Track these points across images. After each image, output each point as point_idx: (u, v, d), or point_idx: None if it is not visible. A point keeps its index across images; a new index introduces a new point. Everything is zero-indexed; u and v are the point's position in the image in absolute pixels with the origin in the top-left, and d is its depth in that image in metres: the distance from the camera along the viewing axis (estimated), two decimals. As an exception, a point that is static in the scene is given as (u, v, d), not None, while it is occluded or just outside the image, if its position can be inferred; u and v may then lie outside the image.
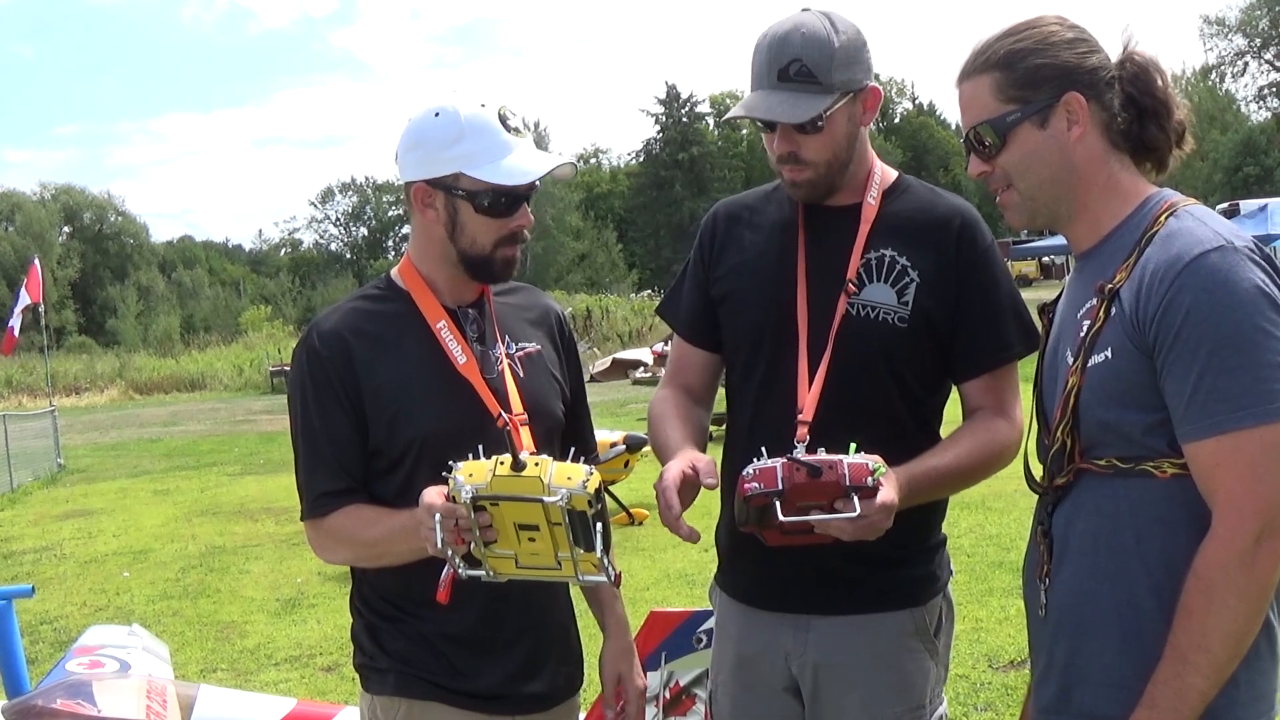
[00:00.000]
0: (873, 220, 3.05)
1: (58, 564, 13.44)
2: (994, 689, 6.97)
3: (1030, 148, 2.47)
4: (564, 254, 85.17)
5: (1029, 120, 2.45)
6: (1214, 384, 2.21)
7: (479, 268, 2.94)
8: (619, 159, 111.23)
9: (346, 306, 3.03)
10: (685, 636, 4.47)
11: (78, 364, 54.91)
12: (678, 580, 10.31)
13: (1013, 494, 12.08)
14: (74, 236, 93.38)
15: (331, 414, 2.90)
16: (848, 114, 2.96)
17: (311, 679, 8.30)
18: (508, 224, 2.89)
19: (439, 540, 2.50)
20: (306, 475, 2.95)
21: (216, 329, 71.43)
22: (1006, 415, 3.04)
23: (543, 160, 2.87)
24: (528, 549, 2.52)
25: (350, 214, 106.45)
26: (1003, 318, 3.03)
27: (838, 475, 2.57)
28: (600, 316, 52.36)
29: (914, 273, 3.00)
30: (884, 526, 2.64)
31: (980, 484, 3.11)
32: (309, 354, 2.94)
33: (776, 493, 2.59)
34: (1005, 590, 8.95)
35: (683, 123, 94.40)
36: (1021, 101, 2.46)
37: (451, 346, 2.92)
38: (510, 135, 2.85)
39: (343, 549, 2.97)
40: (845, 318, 2.98)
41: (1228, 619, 2.22)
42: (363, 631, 3.05)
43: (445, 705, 2.92)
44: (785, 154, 2.97)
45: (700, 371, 3.28)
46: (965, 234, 3.04)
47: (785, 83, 2.89)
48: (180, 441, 28.37)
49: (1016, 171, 2.49)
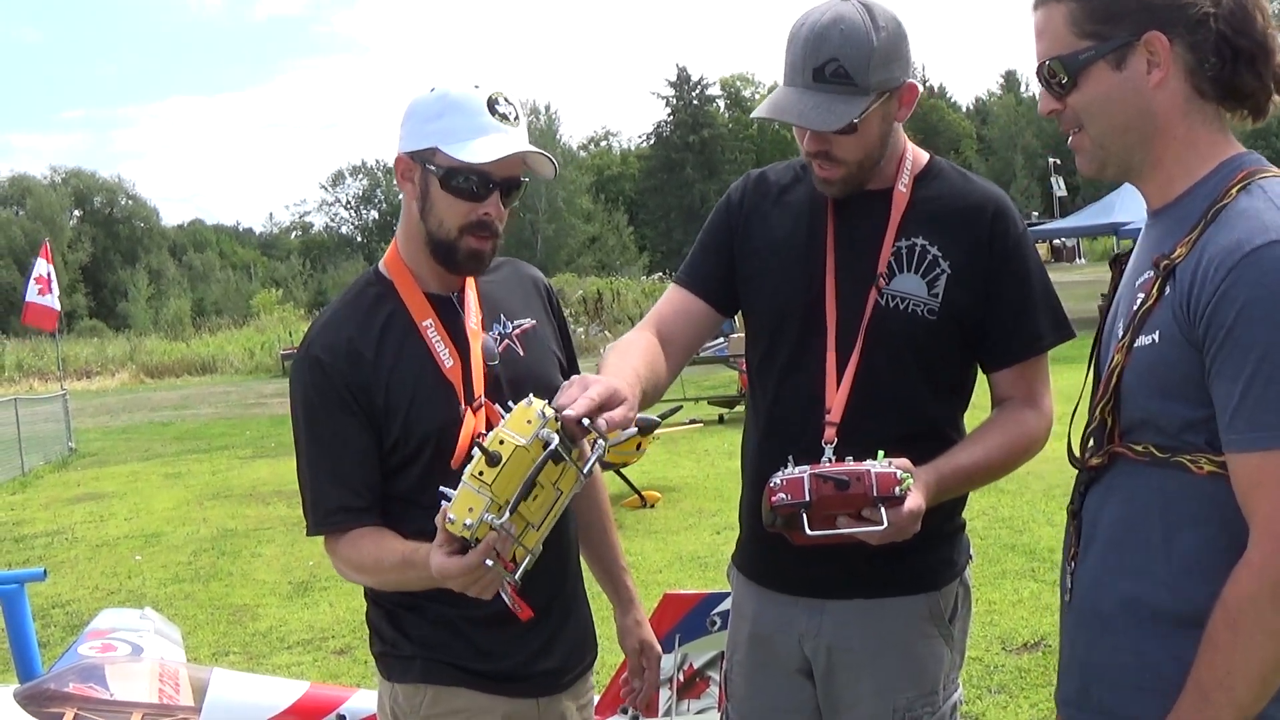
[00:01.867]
0: (904, 208, 2.99)
1: (69, 548, 13.46)
2: (1007, 671, 6.95)
3: (1104, 90, 2.24)
4: (575, 237, 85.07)
5: (1104, 59, 2.22)
6: (1263, 393, 2.02)
7: (444, 254, 2.88)
8: (630, 141, 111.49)
9: (340, 310, 2.98)
10: (699, 619, 4.46)
11: (88, 348, 54.91)
12: (690, 563, 10.30)
13: (1024, 476, 12.04)
14: (84, 220, 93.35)
15: (342, 424, 2.86)
16: (882, 114, 2.87)
17: (324, 662, 8.31)
18: (475, 209, 2.83)
19: (504, 587, 2.47)
20: (317, 490, 2.90)
21: (227, 312, 71.39)
22: (1035, 406, 3.01)
23: (512, 145, 2.80)
24: (534, 507, 2.46)
25: (361, 197, 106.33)
26: (1035, 309, 2.99)
27: (865, 487, 2.56)
28: (611, 299, 52.25)
29: (945, 263, 2.94)
30: (912, 531, 2.63)
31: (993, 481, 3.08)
32: (311, 365, 2.89)
33: (804, 504, 2.58)
34: (1018, 573, 8.94)
35: (693, 105, 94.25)
36: (1097, 38, 2.22)
37: (439, 351, 2.89)
38: (493, 119, 2.80)
39: (356, 575, 2.94)
40: (875, 310, 2.92)
41: (1254, 658, 2.04)
42: (382, 619, 3.02)
43: (470, 690, 2.91)
44: (816, 151, 2.90)
45: (686, 322, 3.13)
46: (999, 223, 2.97)
47: (820, 83, 2.79)
48: (191, 425, 28.41)
49: (1087, 115, 2.28)
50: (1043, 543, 9.79)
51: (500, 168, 2.81)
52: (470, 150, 2.77)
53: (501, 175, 2.83)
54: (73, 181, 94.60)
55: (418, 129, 2.85)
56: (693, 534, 11.42)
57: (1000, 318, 2.96)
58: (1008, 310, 2.96)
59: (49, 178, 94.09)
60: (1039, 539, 9.94)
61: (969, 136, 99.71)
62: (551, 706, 2.99)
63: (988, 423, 2.99)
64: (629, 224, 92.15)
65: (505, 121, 2.82)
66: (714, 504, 12.59)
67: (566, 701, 3.03)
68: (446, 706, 2.91)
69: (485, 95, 2.82)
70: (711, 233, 3.18)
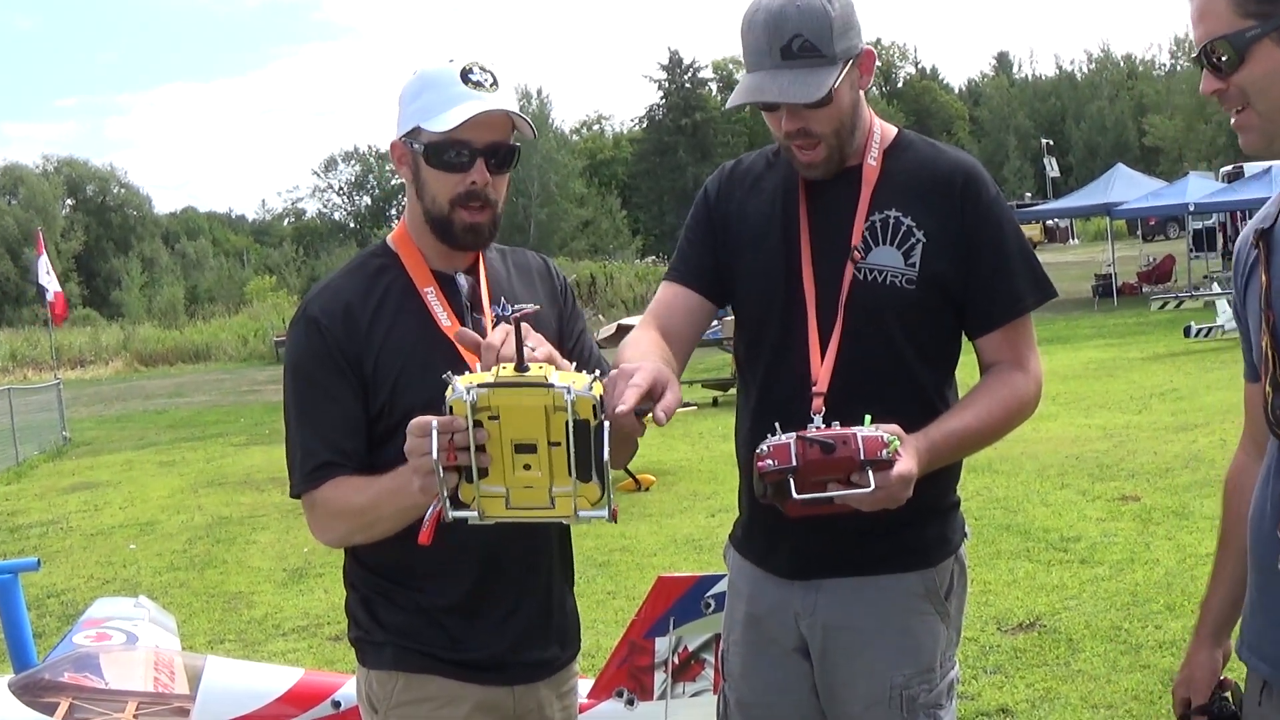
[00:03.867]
0: (875, 182, 3.00)
1: (64, 537, 13.47)
2: (1003, 652, 6.96)
3: (1272, 66, 2.27)
4: (568, 220, 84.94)
5: (1269, 36, 2.25)
6: None
7: (441, 230, 2.88)
8: (622, 125, 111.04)
9: (342, 276, 2.99)
10: (693, 602, 4.46)
11: (82, 336, 54.85)
12: (685, 545, 10.32)
13: (1019, 457, 12.11)
14: (77, 209, 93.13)
15: (333, 385, 2.85)
16: (850, 81, 2.90)
17: (319, 648, 8.32)
18: (462, 179, 2.81)
19: (434, 456, 2.36)
20: (304, 447, 2.88)
21: (221, 299, 71.35)
22: (1024, 368, 3.01)
23: (480, 106, 2.77)
24: (521, 480, 2.42)
25: (353, 183, 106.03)
26: (1013, 271, 3.00)
27: (851, 450, 2.57)
28: (604, 283, 52.35)
29: (920, 233, 2.96)
30: (904, 497, 2.63)
31: (987, 447, 3.09)
32: (307, 326, 2.89)
33: (790, 469, 2.58)
34: (1013, 553, 8.96)
35: (685, 89, 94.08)
36: (1261, 17, 2.25)
37: (438, 313, 2.88)
38: (467, 88, 2.78)
39: (337, 523, 2.89)
40: (853, 284, 2.94)
41: None
42: (358, 605, 3.01)
43: (443, 677, 2.89)
44: (794, 130, 2.91)
45: (685, 316, 3.15)
46: (970, 189, 2.99)
47: (790, 60, 2.81)
48: (185, 413, 28.45)
49: (1255, 91, 2.30)
50: (1037, 523, 9.82)
51: (480, 133, 2.79)
52: (443, 120, 2.76)
53: (485, 141, 2.81)
54: (65, 170, 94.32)
55: (403, 112, 2.87)
56: (687, 517, 11.44)
57: (980, 282, 2.98)
58: (986, 274, 2.98)
59: (41, 167, 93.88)
60: (1033, 519, 9.96)
61: (961, 118, 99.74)
62: (528, 695, 2.98)
63: (977, 387, 3.00)
64: (622, 208, 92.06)
65: (480, 89, 2.79)
66: (709, 487, 12.61)
67: (545, 691, 3.02)
68: (418, 693, 2.90)
69: (459, 67, 2.81)
70: (693, 227, 3.21)
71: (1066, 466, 11.90)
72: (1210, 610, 2.81)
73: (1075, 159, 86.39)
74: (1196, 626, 2.84)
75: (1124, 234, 50.41)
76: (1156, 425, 13.61)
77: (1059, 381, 17.14)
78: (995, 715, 6.14)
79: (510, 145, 2.88)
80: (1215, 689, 2.77)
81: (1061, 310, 29.60)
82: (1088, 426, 14.08)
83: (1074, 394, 16.80)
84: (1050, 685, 6.40)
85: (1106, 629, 7.12)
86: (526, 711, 2.99)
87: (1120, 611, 7.42)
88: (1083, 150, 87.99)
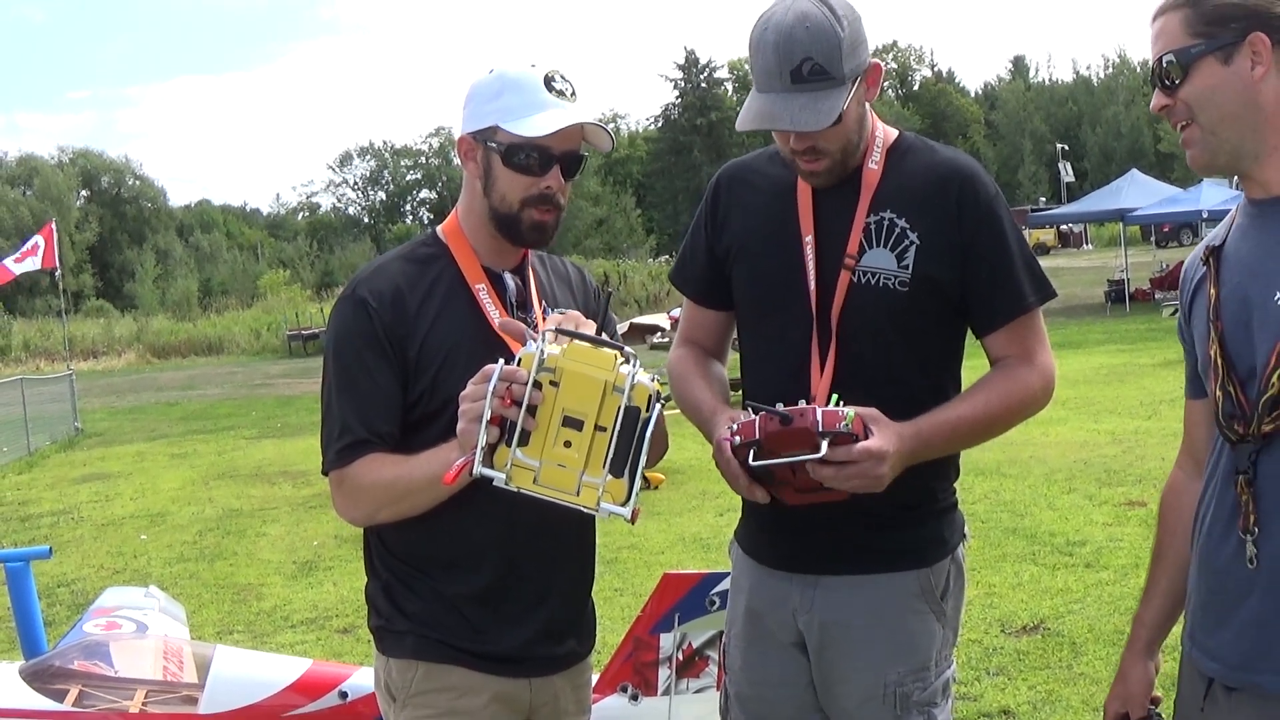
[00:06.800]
0: (875, 185, 3.03)
1: (75, 527, 13.53)
2: (1006, 654, 6.99)
3: (1212, 82, 2.44)
4: (582, 219, 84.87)
5: (1212, 54, 2.43)
6: None
7: (507, 227, 2.94)
8: (638, 124, 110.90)
9: (394, 261, 3.04)
10: (698, 599, 4.48)
11: (95, 328, 54.93)
12: (692, 544, 10.35)
13: (1027, 461, 12.08)
14: (92, 200, 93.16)
15: (375, 366, 2.88)
16: (858, 98, 2.93)
17: (327, 641, 8.36)
18: (537, 183, 2.89)
19: (488, 399, 2.48)
20: (340, 423, 2.89)
21: (234, 293, 71.36)
22: (1032, 362, 3.03)
23: (570, 117, 2.86)
24: (557, 457, 2.49)
25: (368, 178, 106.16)
26: (1013, 270, 3.02)
27: (809, 422, 2.66)
28: (618, 281, 52.31)
29: (913, 235, 2.98)
30: (878, 475, 2.70)
31: (995, 451, 3.11)
32: (355, 305, 2.92)
33: (754, 443, 2.71)
34: (1019, 556, 8.98)
35: (701, 88, 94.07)
36: (1207, 36, 2.43)
37: (489, 310, 2.93)
38: (550, 95, 2.87)
39: (364, 497, 2.90)
40: (849, 288, 2.98)
41: None
42: (379, 592, 3.04)
43: (463, 668, 2.92)
44: (802, 149, 2.94)
45: (712, 330, 3.31)
46: (966, 191, 3.01)
47: (800, 84, 2.82)
48: (198, 405, 28.48)
49: (1198, 105, 2.46)
50: (1043, 527, 9.83)
51: (559, 141, 2.88)
52: (529, 125, 2.84)
53: (561, 149, 2.90)
54: (80, 162, 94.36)
55: (478, 110, 2.92)
56: (696, 515, 11.46)
57: (981, 281, 3.01)
58: (987, 272, 3.00)
59: (56, 158, 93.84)
60: (1040, 523, 9.97)
61: (977, 122, 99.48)
62: (544, 687, 3.02)
63: (978, 381, 3.03)
64: (636, 206, 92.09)
65: (562, 98, 2.89)
66: (717, 486, 12.50)
67: (560, 682, 3.06)
68: (438, 683, 2.93)
69: (542, 73, 2.89)
70: (696, 234, 3.27)
71: (1074, 471, 11.87)
72: (1144, 625, 2.86)
73: (1090, 164, 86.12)
74: (1130, 641, 2.88)
75: (1137, 240, 50.23)
76: (1166, 431, 13.58)
77: (1069, 386, 17.11)
78: (997, 716, 6.17)
79: (580, 154, 2.96)
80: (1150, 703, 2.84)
81: (1073, 315, 29.58)
82: (1097, 431, 14.08)
83: (1084, 399, 16.79)
84: (1052, 688, 6.43)
85: (1110, 633, 7.13)
86: (542, 703, 3.03)
87: (1124, 616, 7.41)
88: (1098, 155, 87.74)
